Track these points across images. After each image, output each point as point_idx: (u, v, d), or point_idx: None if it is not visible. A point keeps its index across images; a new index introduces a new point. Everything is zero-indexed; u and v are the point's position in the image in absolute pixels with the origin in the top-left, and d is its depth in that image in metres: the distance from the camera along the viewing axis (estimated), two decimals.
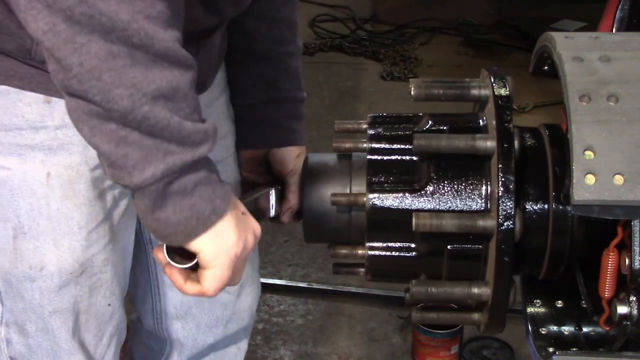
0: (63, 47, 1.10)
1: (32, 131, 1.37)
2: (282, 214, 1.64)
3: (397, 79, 4.97)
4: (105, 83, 1.11)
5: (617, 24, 1.98)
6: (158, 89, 1.13)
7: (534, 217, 1.31)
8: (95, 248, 1.47)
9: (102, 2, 1.08)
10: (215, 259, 1.26)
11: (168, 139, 1.15)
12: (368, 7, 6.01)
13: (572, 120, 1.17)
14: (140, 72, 1.12)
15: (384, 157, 1.37)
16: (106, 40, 1.09)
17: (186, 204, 1.20)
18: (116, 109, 1.12)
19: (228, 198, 1.26)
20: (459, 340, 2.78)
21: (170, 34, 1.13)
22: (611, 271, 1.23)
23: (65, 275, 1.46)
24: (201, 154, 1.19)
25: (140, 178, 1.16)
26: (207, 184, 1.22)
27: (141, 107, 1.12)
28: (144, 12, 1.10)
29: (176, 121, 1.15)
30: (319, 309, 3.12)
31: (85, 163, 1.41)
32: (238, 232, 1.27)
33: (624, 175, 1.14)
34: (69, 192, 1.42)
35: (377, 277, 1.44)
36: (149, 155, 1.15)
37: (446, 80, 1.38)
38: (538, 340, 1.38)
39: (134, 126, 1.14)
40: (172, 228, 1.22)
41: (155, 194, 1.18)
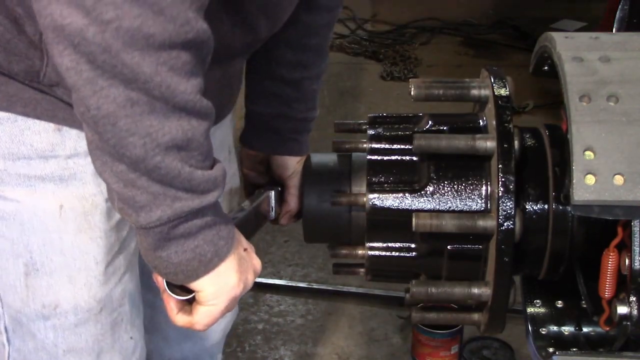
0: (83, 87, 1.07)
1: (42, 161, 1.33)
2: (281, 216, 1.63)
3: (397, 79, 4.96)
4: (120, 129, 1.08)
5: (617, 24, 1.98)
6: (172, 140, 1.10)
7: (534, 217, 1.31)
8: (112, 282, 1.43)
9: (125, 52, 1.04)
10: (213, 299, 1.25)
11: (177, 187, 1.13)
12: (368, 7, 6.01)
13: (572, 120, 1.17)
14: (156, 121, 1.08)
15: (384, 157, 1.37)
16: (126, 88, 1.06)
17: (189, 245, 1.18)
18: (128, 155, 1.10)
19: (231, 239, 1.24)
20: (459, 340, 2.78)
21: (193, 83, 1.10)
22: (611, 271, 1.23)
23: (81, 313, 1.41)
24: (209, 201, 1.17)
25: (146, 220, 1.15)
26: (211, 226, 1.19)
27: (153, 157, 1.10)
28: (168, 63, 1.06)
29: (187, 171, 1.13)
30: (319, 309, 3.12)
31: (101, 193, 1.37)
32: (239, 273, 1.26)
33: (624, 176, 1.14)
34: (83, 225, 1.37)
35: (377, 277, 1.44)
36: (156, 200, 1.13)
37: (446, 80, 1.38)
38: (538, 340, 1.38)
39: (144, 172, 1.11)
40: (172, 268, 1.20)
41: (160, 235, 1.16)
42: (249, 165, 1.73)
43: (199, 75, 1.12)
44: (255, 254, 1.33)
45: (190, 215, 1.16)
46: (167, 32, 1.05)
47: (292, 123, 1.67)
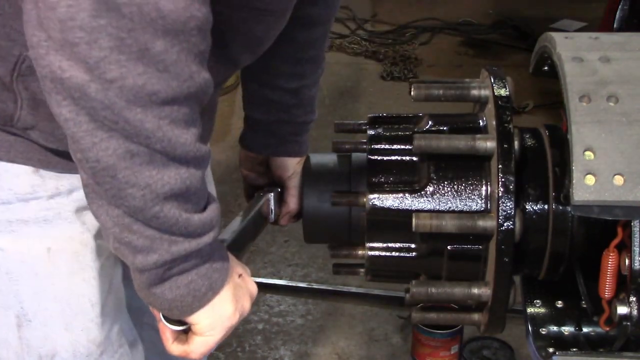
0: (82, 138, 1.04)
1: (23, 204, 1.29)
2: (281, 217, 1.63)
3: (397, 79, 4.97)
4: (120, 181, 1.06)
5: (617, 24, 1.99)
6: (171, 190, 1.09)
7: (534, 217, 1.30)
8: (109, 323, 1.41)
9: (128, 110, 1.02)
10: (209, 330, 1.24)
11: (174, 233, 1.12)
12: (368, 7, 6.01)
13: (572, 120, 1.17)
14: (155, 171, 1.07)
15: (384, 157, 1.37)
16: (126, 141, 1.04)
17: (183, 281, 1.17)
18: (127, 205, 1.08)
19: (226, 270, 1.23)
20: (459, 340, 2.78)
21: (193, 131, 1.09)
22: (611, 271, 1.23)
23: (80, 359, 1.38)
24: (205, 242, 1.16)
25: (143, 263, 1.13)
26: (205, 260, 1.19)
27: (152, 208, 1.08)
28: (170, 117, 1.05)
29: (184, 218, 1.12)
30: (319, 309, 3.12)
31: (88, 231, 1.34)
32: (235, 302, 1.25)
33: (624, 176, 1.14)
34: (75, 266, 1.34)
35: (377, 277, 1.44)
36: (153, 244, 1.12)
37: (446, 80, 1.37)
38: (538, 340, 1.38)
39: (142, 221, 1.10)
40: (167, 304, 1.19)
41: (155, 276, 1.15)
42: (248, 166, 1.72)
43: (197, 122, 1.10)
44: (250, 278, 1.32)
45: (186, 257, 1.15)
46: (171, 89, 1.04)
47: (291, 126, 1.67)
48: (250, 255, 3.24)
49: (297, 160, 1.66)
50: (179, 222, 1.11)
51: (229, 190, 3.57)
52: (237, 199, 3.50)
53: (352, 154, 1.48)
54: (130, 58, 1.00)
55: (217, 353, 2.91)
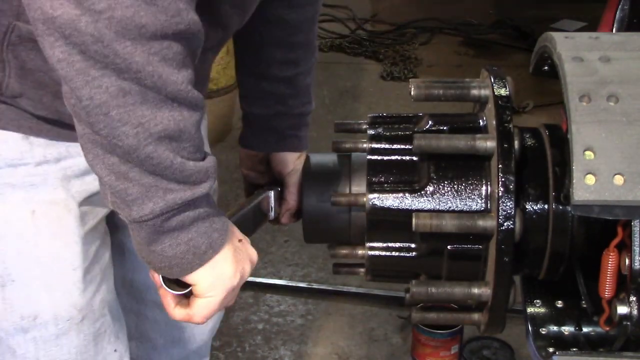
0: (75, 77, 1.07)
1: (11, 169, 1.32)
2: (281, 215, 1.63)
3: (397, 79, 4.97)
4: (113, 119, 1.08)
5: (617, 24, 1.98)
6: (164, 130, 1.10)
7: (534, 217, 1.31)
8: (91, 290, 1.42)
9: (117, 42, 1.04)
10: (210, 291, 1.24)
11: (169, 178, 1.13)
12: (368, 7, 6.02)
13: (572, 120, 1.17)
14: (149, 111, 1.09)
15: (384, 157, 1.37)
16: (119, 78, 1.07)
17: (183, 238, 1.18)
18: (120, 145, 1.10)
19: (225, 231, 1.24)
20: (459, 340, 2.78)
21: (184, 74, 1.11)
22: (611, 271, 1.23)
23: (61, 323, 1.39)
24: (201, 192, 1.16)
25: (139, 213, 1.14)
26: (205, 218, 1.19)
27: (146, 147, 1.10)
28: (160, 53, 1.07)
29: (179, 161, 1.13)
30: (319, 309, 3.12)
31: (72, 198, 1.36)
32: (235, 263, 1.25)
33: (624, 176, 1.14)
34: (57, 230, 1.36)
35: (377, 277, 1.44)
36: (148, 192, 1.13)
37: (446, 80, 1.38)
38: (538, 340, 1.38)
39: (136, 163, 1.11)
40: (167, 261, 1.19)
41: (153, 228, 1.16)
42: (248, 165, 1.73)
43: (189, 67, 1.12)
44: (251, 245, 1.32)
45: (183, 207, 1.16)
46: (159, 23, 1.06)
47: (289, 120, 1.68)
48: None
49: (297, 156, 1.67)
50: (173, 165, 1.12)
51: (229, 190, 3.57)
52: (237, 199, 3.50)
53: (352, 153, 1.48)
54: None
55: (217, 353, 2.92)
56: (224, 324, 3.05)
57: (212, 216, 1.21)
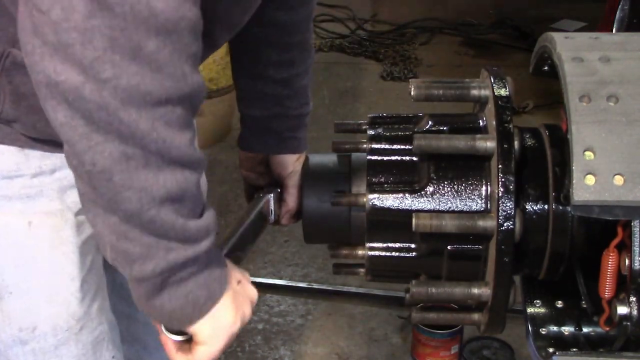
0: (78, 142, 1.05)
1: (7, 181, 1.32)
2: (281, 216, 1.63)
3: (397, 79, 4.97)
4: (116, 185, 1.07)
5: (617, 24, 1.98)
6: (167, 193, 1.09)
7: (534, 217, 1.30)
8: (89, 299, 1.42)
9: (122, 110, 1.03)
10: (211, 339, 1.24)
11: (171, 238, 1.12)
12: (368, 7, 6.02)
13: (572, 120, 1.17)
14: (151, 175, 1.08)
15: (384, 157, 1.37)
16: (122, 143, 1.05)
17: (182, 292, 1.17)
18: (123, 209, 1.08)
19: (224, 278, 1.23)
20: (459, 340, 2.78)
21: (187, 135, 1.10)
22: (611, 271, 1.23)
23: (60, 333, 1.40)
24: (202, 249, 1.16)
25: (140, 273, 1.13)
26: (203, 269, 1.18)
27: (148, 211, 1.08)
28: (164, 118, 1.06)
29: (180, 223, 1.12)
30: (319, 309, 3.12)
31: (68, 208, 1.37)
32: (235, 310, 1.25)
33: (624, 176, 1.14)
34: (55, 240, 1.36)
35: (377, 277, 1.44)
36: (150, 252, 1.12)
37: (446, 80, 1.37)
38: (538, 340, 1.38)
39: (137, 225, 1.10)
40: (166, 315, 1.19)
41: (153, 286, 1.15)
42: (248, 166, 1.73)
43: (192, 126, 1.11)
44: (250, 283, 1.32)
45: (183, 265, 1.15)
46: (164, 89, 1.04)
47: (288, 121, 1.67)
48: (250, 255, 3.23)
49: (296, 158, 1.67)
50: (175, 227, 1.11)
51: (229, 190, 3.57)
52: (237, 199, 3.50)
53: (351, 154, 1.48)
54: (123, 58, 1.01)
55: None
56: None
57: (211, 266, 1.19)
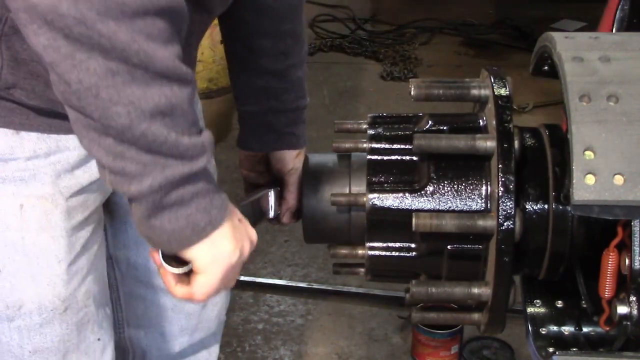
0: (63, 63, 1.08)
1: (2, 163, 1.34)
2: (281, 214, 1.64)
3: (397, 79, 4.97)
4: (104, 100, 1.09)
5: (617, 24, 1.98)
6: (156, 107, 1.11)
7: (534, 217, 1.31)
8: (76, 282, 1.44)
9: (100, 23, 1.05)
10: (209, 267, 1.25)
11: (166, 154, 1.14)
12: (368, 7, 6.02)
13: (572, 120, 1.17)
14: (139, 90, 1.10)
15: (384, 157, 1.37)
16: (105, 58, 1.08)
17: (182, 214, 1.19)
18: (114, 125, 1.11)
19: (225, 208, 1.24)
20: (459, 340, 2.78)
21: (171, 50, 1.12)
22: (611, 271, 1.23)
23: (45, 313, 1.42)
24: (199, 167, 1.18)
25: (138, 189, 1.15)
26: (204, 194, 1.20)
27: (139, 125, 1.11)
28: (144, 31, 1.08)
29: (173, 137, 1.14)
30: (319, 309, 3.12)
31: (60, 193, 1.38)
32: (235, 241, 1.26)
33: (624, 176, 1.14)
34: (44, 223, 1.38)
35: (377, 277, 1.44)
36: (146, 169, 1.14)
37: (446, 80, 1.38)
38: (538, 340, 1.38)
39: (131, 142, 1.12)
40: (165, 236, 1.20)
41: (152, 204, 1.17)
42: (248, 166, 1.73)
43: (176, 43, 1.13)
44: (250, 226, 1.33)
45: (181, 182, 1.17)
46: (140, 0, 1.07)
47: (285, 116, 1.68)
48: (250, 255, 3.23)
49: (296, 154, 1.67)
50: (168, 142, 1.13)
51: (229, 190, 3.56)
52: (237, 199, 3.50)
53: (351, 154, 1.48)
54: None
55: None
56: (224, 323, 3.04)
57: (211, 193, 1.22)
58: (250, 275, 3.22)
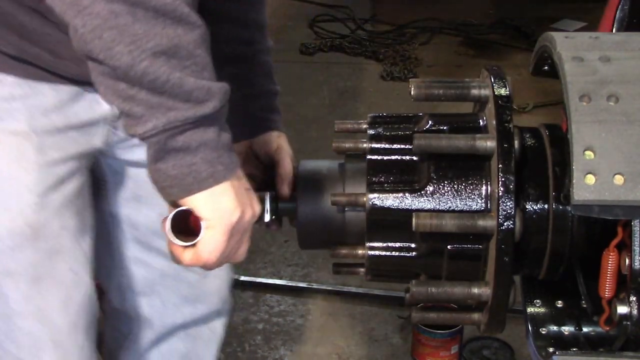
0: (69, 10, 1.14)
1: None
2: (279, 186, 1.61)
3: (397, 79, 4.96)
4: (106, 41, 1.14)
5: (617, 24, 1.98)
6: (158, 45, 1.15)
7: (534, 217, 1.31)
8: (47, 213, 1.49)
9: None
10: (210, 219, 1.27)
11: (172, 96, 1.18)
12: (368, 7, 6.02)
13: (572, 120, 1.17)
14: (141, 30, 1.15)
15: (384, 157, 1.37)
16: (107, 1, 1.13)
17: (186, 161, 1.22)
18: (118, 65, 1.15)
19: (232, 168, 1.27)
20: (459, 340, 2.78)
21: None
22: (611, 271, 1.23)
23: (16, 237, 1.47)
24: (204, 112, 1.20)
25: (143, 129, 1.20)
26: (213, 147, 1.23)
27: (140, 63, 1.15)
28: None
29: (177, 77, 1.17)
30: (319, 309, 3.12)
31: (33, 131, 1.44)
32: (236, 200, 1.28)
33: (624, 175, 1.14)
34: (16, 156, 1.45)
35: (377, 277, 1.44)
36: (152, 110, 1.18)
37: (446, 80, 1.37)
38: (538, 340, 1.38)
39: (139, 83, 1.16)
40: (169, 181, 1.24)
41: (157, 145, 1.21)
42: None
43: None
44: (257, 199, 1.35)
45: (186, 126, 1.20)
46: None
47: (257, 101, 1.71)
48: (250, 256, 3.24)
49: (277, 134, 1.69)
50: (170, 80, 1.17)
51: None
52: None
53: (345, 160, 1.48)
54: None
55: None
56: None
57: (222, 150, 1.25)
58: (250, 275, 3.22)
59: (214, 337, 1.94)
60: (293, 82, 4.77)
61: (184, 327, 1.88)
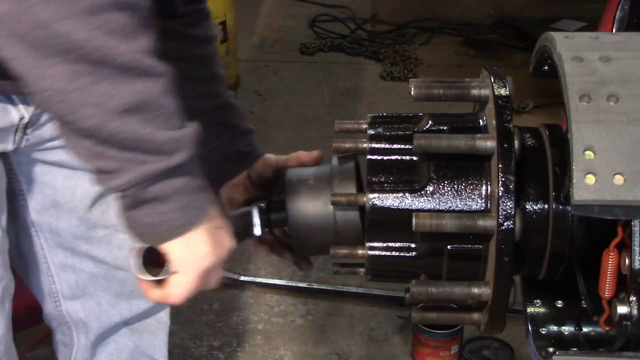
0: (30, 72, 1.11)
1: None
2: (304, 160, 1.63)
3: (397, 79, 4.97)
4: (73, 104, 1.12)
5: (617, 24, 1.98)
6: (125, 103, 1.12)
7: (534, 217, 1.30)
8: None
9: (57, 23, 1.07)
10: (183, 266, 1.28)
11: (143, 151, 1.16)
12: (368, 7, 6.01)
13: (572, 120, 1.17)
14: (105, 88, 1.11)
15: (384, 157, 1.37)
16: (68, 61, 1.09)
17: (160, 209, 1.22)
18: (86, 127, 1.13)
19: (205, 211, 1.26)
20: (459, 340, 2.78)
21: (136, 44, 1.12)
22: (611, 271, 1.23)
23: None
24: (176, 162, 1.19)
25: (116, 184, 1.19)
26: (186, 193, 1.22)
27: (108, 123, 1.13)
28: (104, 27, 1.09)
29: (147, 132, 1.15)
30: (319, 309, 3.12)
31: None
32: (210, 245, 1.28)
33: (624, 175, 1.14)
34: None
35: (377, 277, 1.44)
36: (124, 165, 1.17)
37: (446, 80, 1.37)
38: (538, 340, 1.38)
39: (108, 142, 1.14)
40: (142, 228, 1.25)
41: (131, 198, 1.21)
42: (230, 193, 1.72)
43: (143, 36, 1.13)
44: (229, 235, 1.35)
45: (159, 178, 1.19)
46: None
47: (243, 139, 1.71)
48: (250, 255, 3.24)
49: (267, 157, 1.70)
50: (142, 137, 1.15)
51: None
52: None
53: (331, 164, 1.48)
54: None
55: (217, 353, 2.92)
56: (224, 324, 3.05)
57: (194, 194, 1.23)
58: (250, 275, 3.22)
59: (161, 327, 1.92)
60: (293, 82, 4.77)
61: (125, 323, 1.86)
